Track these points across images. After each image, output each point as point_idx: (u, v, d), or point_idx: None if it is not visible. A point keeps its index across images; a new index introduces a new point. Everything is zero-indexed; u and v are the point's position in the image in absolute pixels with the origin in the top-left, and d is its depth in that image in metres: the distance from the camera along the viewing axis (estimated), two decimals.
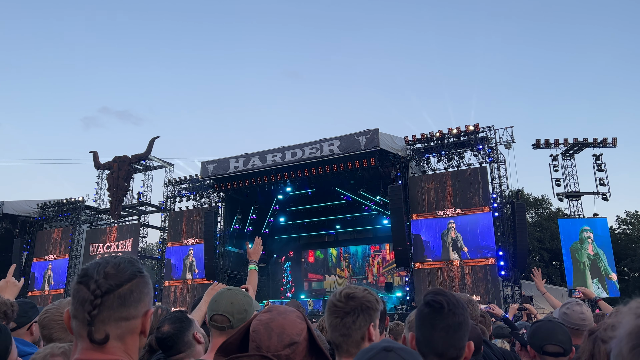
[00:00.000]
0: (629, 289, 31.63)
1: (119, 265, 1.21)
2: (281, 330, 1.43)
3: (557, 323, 2.59)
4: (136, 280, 1.21)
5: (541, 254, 34.30)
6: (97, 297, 1.15)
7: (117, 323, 1.17)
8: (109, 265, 1.20)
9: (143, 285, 1.23)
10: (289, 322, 1.46)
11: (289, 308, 1.54)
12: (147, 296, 1.24)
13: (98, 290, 1.15)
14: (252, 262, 3.38)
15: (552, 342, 2.46)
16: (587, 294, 4.42)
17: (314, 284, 31.65)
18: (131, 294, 1.19)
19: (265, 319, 1.47)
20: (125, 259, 1.24)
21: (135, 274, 1.22)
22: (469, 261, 20.53)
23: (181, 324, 2.40)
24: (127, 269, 1.21)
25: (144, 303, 1.23)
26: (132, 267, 1.23)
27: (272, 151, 24.24)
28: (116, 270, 1.19)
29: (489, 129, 21.52)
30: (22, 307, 2.59)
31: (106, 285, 1.16)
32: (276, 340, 1.41)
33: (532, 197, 39.56)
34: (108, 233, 29.65)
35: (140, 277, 1.23)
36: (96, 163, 30.00)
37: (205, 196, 27.87)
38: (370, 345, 1.30)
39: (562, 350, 2.45)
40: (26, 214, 31.84)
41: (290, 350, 1.41)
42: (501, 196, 21.28)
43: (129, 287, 1.19)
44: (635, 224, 37.45)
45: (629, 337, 0.77)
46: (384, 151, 22.16)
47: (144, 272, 1.26)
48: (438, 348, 1.68)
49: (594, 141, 22.55)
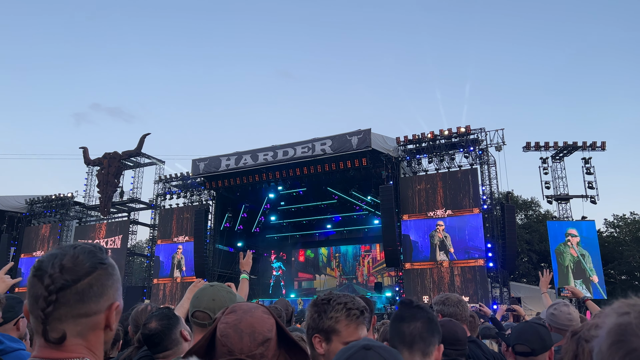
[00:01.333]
0: (616, 292, 31.95)
1: (77, 257, 1.09)
2: (251, 329, 1.38)
3: (532, 324, 2.62)
4: (97, 273, 1.10)
5: (530, 256, 34.55)
6: (51, 293, 1.04)
7: (76, 320, 1.07)
8: (65, 257, 1.08)
9: (105, 278, 1.12)
10: (258, 320, 1.40)
11: (253, 305, 1.49)
12: (111, 288, 1.13)
13: (52, 286, 1.05)
14: (244, 272, 3.43)
15: (519, 342, 2.50)
16: (576, 293, 4.48)
17: (304, 283, 31.63)
18: (91, 288, 1.08)
19: (233, 320, 1.40)
20: (85, 249, 1.13)
21: (95, 266, 1.11)
22: (459, 262, 20.63)
23: (169, 321, 2.38)
24: (86, 260, 1.10)
25: (108, 296, 1.12)
26: (92, 259, 1.11)
27: (264, 150, 24.19)
28: (73, 263, 1.08)
29: (480, 131, 21.65)
30: (9, 302, 2.57)
31: (61, 281, 1.05)
32: (249, 341, 1.36)
33: (521, 199, 39.83)
34: (97, 230, 29.41)
35: (102, 268, 1.12)
36: (86, 159, 29.77)
37: (196, 194, 27.76)
38: (350, 344, 1.29)
39: (529, 349, 2.47)
40: (14, 210, 31.50)
41: (264, 348, 1.37)
42: (491, 198, 21.42)
43: (88, 282, 1.08)
44: (623, 227, 37.85)
45: (609, 335, 0.81)
46: (375, 151, 22.20)
47: (107, 262, 1.15)
48: (406, 339, 1.77)
49: (584, 144, 22.79)
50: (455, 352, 2.47)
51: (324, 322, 1.68)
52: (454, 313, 3.06)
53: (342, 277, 30.23)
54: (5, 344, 2.20)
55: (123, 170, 29.15)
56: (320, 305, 1.74)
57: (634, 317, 0.79)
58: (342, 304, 1.72)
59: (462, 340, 2.50)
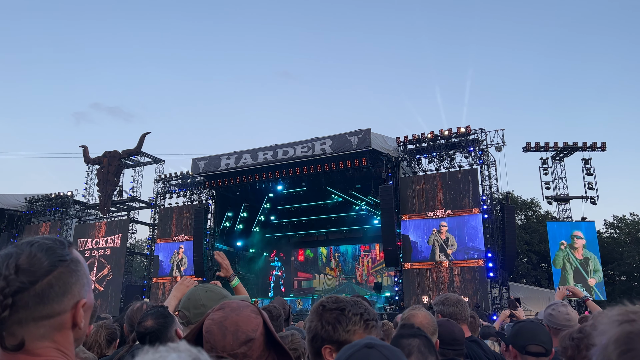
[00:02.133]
0: (615, 293, 31.97)
1: (34, 255, 1.01)
2: (235, 328, 1.37)
3: (539, 324, 2.63)
4: (57, 271, 1.02)
5: (529, 257, 34.57)
6: (6, 297, 0.97)
7: (38, 323, 1.00)
8: (21, 257, 1.00)
9: (68, 275, 1.04)
10: (243, 319, 1.39)
11: (243, 303, 1.48)
12: (75, 285, 1.05)
13: (7, 289, 0.97)
14: (231, 278, 3.21)
15: (534, 342, 2.49)
16: (576, 293, 4.46)
17: (303, 282, 31.65)
18: (51, 288, 1.00)
19: (218, 317, 1.40)
20: (43, 246, 1.04)
21: (54, 264, 1.02)
22: (458, 262, 20.63)
23: (165, 320, 2.37)
24: (44, 259, 1.01)
25: (72, 294, 1.04)
26: (52, 256, 1.03)
27: (264, 149, 24.19)
28: (30, 262, 1.00)
29: (480, 131, 21.65)
30: None
31: (17, 283, 0.98)
32: (231, 339, 1.35)
33: (521, 200, 39.86)
34: (97, 228, 29.42)
35: (63, 266, 1.04)
36: (86, 158, 29.77)
37: (196, 193, 27.75)
38: (353, 342, 1.29)
39: (544, 350, 2.48)
40: (14, 208, 31.50)
41: (246, 348, 1.35)
42: (491, 198, 21.42)
43: (47, 281, 1.00)
44: (623, 228, 37.88)
45: (617, 344, 0.80)
46: (375, 151, 22.21)
47: (68, 257, 1.06)
48: (404, 351, 1.81)
49: (584, 145, 22.80)
50: (453, 352, 2.47)
51: (340, 334, 1.59)
52: (454, 313, 3.06)
53: (342, 277, 30.25)
54: None
55: (123, 169, 29.16)
56: (333, 316, 1.64)
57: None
58: (358, 314, 1.64)
59: (460, 340, 2.50)
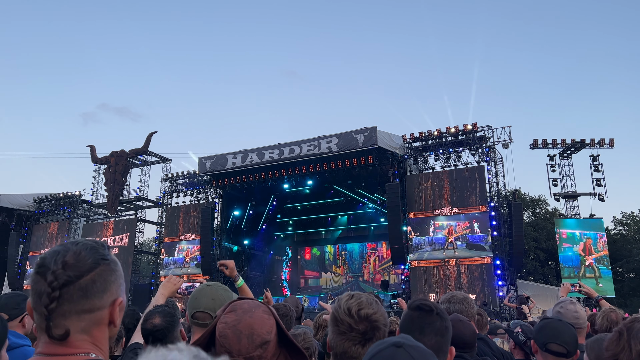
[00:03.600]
0: (624, 290, 31.73)
1: (79, 253, 1.10)
2: (250, 331, 1.35)
3: (566, 323, 2.56)
4: (99, 269, 1.11)
5: (537, 254, 34.36)
6: (54, 289, 1.05)
7: (80, 316, 1.08)
8: (68, 254, 1.09)
9: (108, 273, 1.13)
10: (258, 321, 1.37)
11: (254, 303, 1.45)
12: (114, 284, 1.14)
13: (56, 282, 1.06)
14: (235, 278, 3.12)
15: (556, 342, 2.44)
16: (590, 293, 4.34)
17: (310, 280, 31.67)
18: (94, 284, 1.09)
19: (232, 320, 1.38)
20: (87, 245, 1.13)
21: (97, 262, 1.11)
22: (465, 260, 20.55)
23: (172, 318, 2.37)
24: (88, 256, 1.10)
25: (111, 292, 1.13)
26: (95, 255, 1.12)
27: (270, 148, 24.20)
28: (76, 259, 1.09)
29: (487, 129, 21.54)
30: (14, 299, 2.59)
31: (64, 277, 1.06)
32: (247, 343, 1.34)
33: (529, 197, 39.62)
34: (104, 227, 29.58)
35: (105, 264, 1.13)
36: (93, 157, 29.93)
37: (203, 192, 27.83)
38: (383, 339, 1.26)
39: (565, 351, 2.42)
40: (22, 208, 31.73)
41: (262, 350, 1.34)
42: (498, 195, 21.32)
43: (90, 277, 1.09)
44: (631, 225, 37.56)
45: None
46: (381, 149, 22.16)
47: (109, 257, 1.15)
48: None
49: (592, 142, 22.61)
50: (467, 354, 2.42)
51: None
52: (460, 310, 3.03)
53: (349, 275, 30.25)
54: (10, 340, 2.24)
55: (130, 168, 29.29)
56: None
57: None
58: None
59: (470, 344, 2.41)
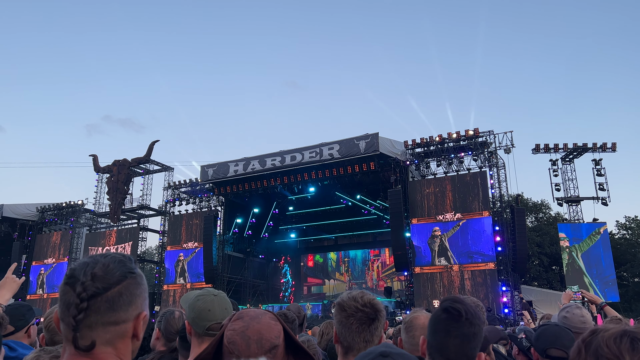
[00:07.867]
0: (628, 294, 31.57)
1: (107, 265, 1.13)
2: (259, 336, 1.36)
3: (564, 328, 2.56)
4: (126, 282, 1.14)
5: (541, 259, 34.26)
6: (83, 300, 1.08)
7: (106, 328, 1.10)
8: (97, 266, 1.12)
9: (134, 287, 1.15)
10: (265, 327, 1.38)
11: (260, 311, 1.47)
12: (139, 298, 1.16)
13: (84, 294, 1.08)
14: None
15: (556, 346, 2.44)
16: (594, 300, 4.28)
17: (313, 288, 31.60)
18: (120, 296, 1.11)
19: (240, 327, 1.38)
20: (115, 259, 1.16)
21: (125, 275, 1.14)
22: (469, 266, 20.49)
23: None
24: (116, 269, 1.13)
25: (136, 305, 1.15)
26: (122, 268, 1.15)
27: (272, 155, 24.25)
28: (104, 271, 1.11)
29: (488, 134, 21.54)
30: (19, 310, 2.60)
31: (93, 288, 1.09)
32: (256, 348, 1.34)
33: (531, 202, 39.56)
34: (107, 236, 29.60)
35: (131, 278, 1.15)
36: (96, 166, 30.00)
37: (205, 200, 27.86)
38: (369, 349, 1.27)
39: (565, 355, 2.41)
40: (25, 217, 31.80)
41: (271, 355, 1.35)
42: (501, 201, 21.28)
43: (118, 290, 1.11)
44: (635, 229, 37.43)
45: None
46: (383, 155, 22.17)
47: (136, 271, 1.18)
48: (450, 355, 1.64)
49: (594, 146, 22.57)
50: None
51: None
52: None
53: (352, 282, 30.16)
54: (18, 351, 2.27)
55: (132, 177, 29.34)
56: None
57: None
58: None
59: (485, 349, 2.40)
